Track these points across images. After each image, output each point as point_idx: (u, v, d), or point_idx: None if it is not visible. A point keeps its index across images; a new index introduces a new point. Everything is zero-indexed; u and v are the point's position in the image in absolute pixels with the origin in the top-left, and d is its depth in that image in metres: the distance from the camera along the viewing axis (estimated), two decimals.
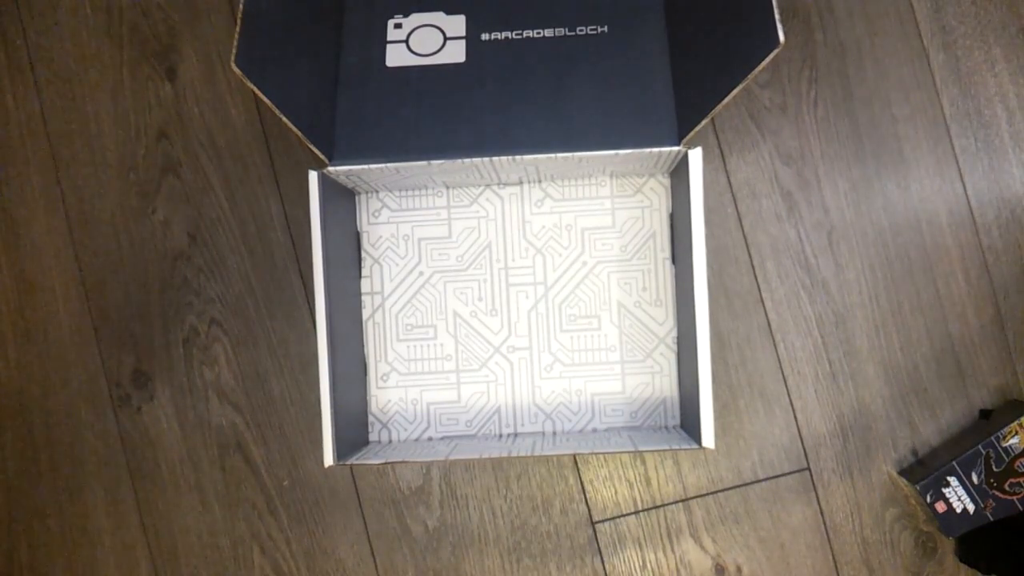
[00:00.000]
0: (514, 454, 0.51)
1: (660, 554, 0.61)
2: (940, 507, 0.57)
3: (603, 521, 0.61)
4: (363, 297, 0.61)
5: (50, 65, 0.64)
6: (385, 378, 0.61)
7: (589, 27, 0.56)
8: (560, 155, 0.52)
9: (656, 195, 0.60)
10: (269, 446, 0.62)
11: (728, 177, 0.62)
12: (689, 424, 0.55)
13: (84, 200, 0.64)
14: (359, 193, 0.61)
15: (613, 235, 0.60)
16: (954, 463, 0.56)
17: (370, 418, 0.60)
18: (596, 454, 0.61)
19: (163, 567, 0.62)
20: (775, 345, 0.61)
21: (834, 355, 0.61)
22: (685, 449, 0.51)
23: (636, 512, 0.61)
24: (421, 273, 0.61)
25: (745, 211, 0.62)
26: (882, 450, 0.61)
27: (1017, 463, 0.56)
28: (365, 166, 0.52)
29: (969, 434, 0.60)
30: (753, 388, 0.61)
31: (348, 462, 0.51)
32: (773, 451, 0.61)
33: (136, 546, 0.62)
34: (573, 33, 0.56)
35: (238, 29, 0.46)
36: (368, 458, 0.53)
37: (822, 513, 0.61)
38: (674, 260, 0.60)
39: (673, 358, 0.60)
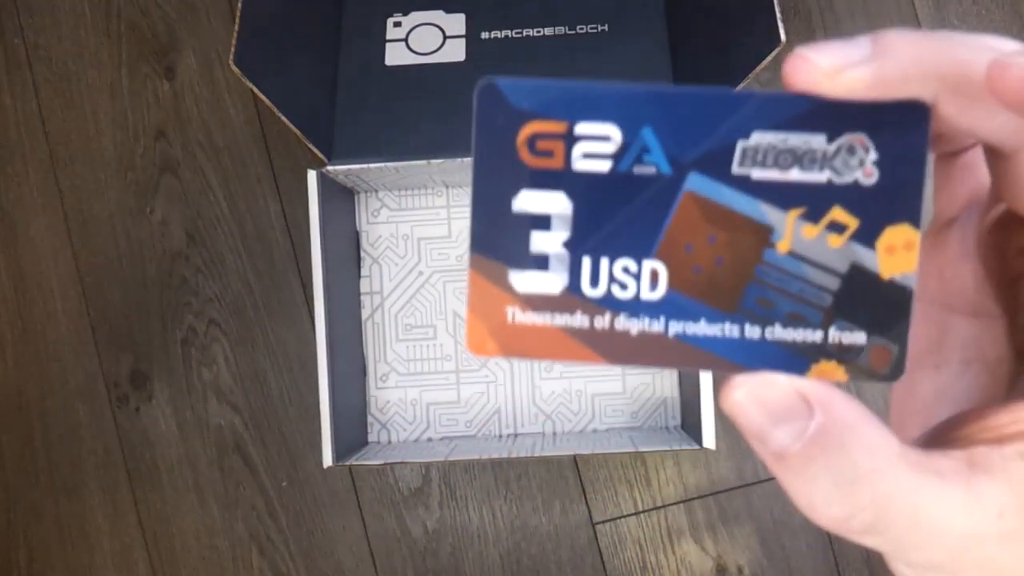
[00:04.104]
0: (514, 455, 0.51)
1: (661, 555, 0.61)
2: None
3: (603, 522, 0.61)
4: (362, 297, 0.61)
5: (48, 64, 0.64)
6: (384, 378, 0.60)
7: (589, 26, 0.55)
8: None
9: None
10: (268, 447, 0.62)
11: None
12: (690, 424, 0.54)
13: (82, 199, 0.63)
14: (358, 192, 0.61)
15: None
16: None
17: (369, 419, 0.60)
18: (596, 455, 0.60)
19: (161, 568, 0.62)
20: None
21: None
22: (686, 449, 0.51)
23: (637, 513, 0.61)
24: (421, 273, 0.61)
25: None
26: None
27: None
28: (364, 165, 0.52)
29: None
30: None
31: (347, 463, 0.51)
32: None
33: (134, 547, 0.62)
34: (573, 32, 0.55)
35: (237, 28, 0.46)
36: (367, 459, 0.52)
37: None
38: None
39: None
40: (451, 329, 0.60)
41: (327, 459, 0.50)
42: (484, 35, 0.56)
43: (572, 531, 0.61)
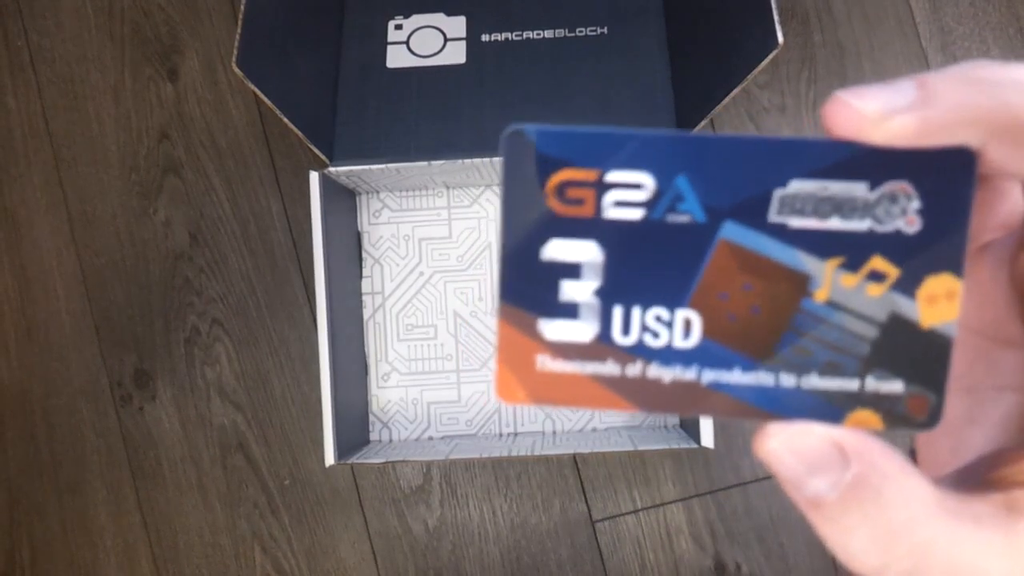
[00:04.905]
0: (514, 454, 0.52)
1: (660, 553, 0.61)
2: None
3: (603, 520, 0.61)
4: (364, 297, 0.61)
5: (52, 66, 0.65)
6: (386, 378, 0.61)
7: (589, 28, 0.56)
8: None
9: None
10: (270, 445, 0.62)
11: None
12: (689, 423, 0.55)
13: (86, 200, 0.64)
14: (360, 193, 0.61)
15: None
16: None
17: (371, 417, 0.61)
18: (596, 453, 0.61)
19: (164, 566, 0.62)
20: None
21: None
22: (685, 448, 0.52)
23: (636, 511, 0.61)
24: (422, 273, 0.61)
25: None
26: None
27: None
28: (365, 167, 0.53)
29: None
30: None
31: (349, 461, 0.51)
32: None
33: (138, 545, 0.63)
34: (573, 34, 0.56)
35: (239, 30, 0.47)
36: (369, 457, 0.53)
37: None
38: None
39: None
40: (452, 329, 0.61)
41: (329, 458, 0.50)
42: (485, 37, 0.56)
43: (572, 529, 0.61)
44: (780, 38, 0.42)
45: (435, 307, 0.61)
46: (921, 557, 0.12)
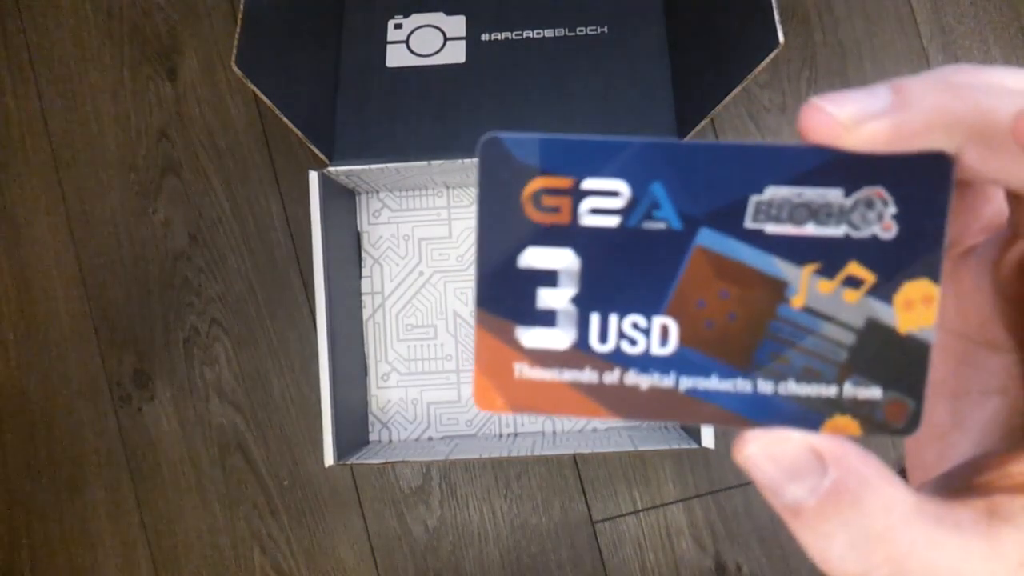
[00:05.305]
0: (514, 454, 0.52)
1: (660, 553, 0.61)
2: None
3: (603, 521, 0.61)
4: (363, 297, 0.61)
5: (51, 66, 0.64)
6: (385, 378, 0.61)
7: (589, 27, 0.56)
8: None
9: None
10: (269, 446, 0.62)
11: None
12: (689, 423, 0.55)
13: (85, 200, 0.64)
14: (359, 193, 0.61)
15: None
16: None
17: (370, 418, 0.60)
18: (596, 453, 0.61)
19: (163, 567, 0.62)
20: None
21: None
22: (685, 448, 0.52)
23: (636, 512, 0.61)
24: (421, 273, 0.61)
25: None
26: (880, 450, 0.61)
27: None
28: (365, 166, 0.53)
29: None
30: None
31: (348, 462, 0.51)
32: None
33: (137, 546, 0.62)
34: (573, 33, 0.56)
35: (239, 29, 0.46)
36: (368, 458, 0.53)
37: None
38: None
39: None
40: (451, 329, 0.61)
41: (328, 458, 0.50)
42: (484, 37, 0.56)
43: (572, 530, 0.61)
44: (781, 37, 0.42)
45: (435, 307, 0.61)
46: (900, 563, 0.12)
